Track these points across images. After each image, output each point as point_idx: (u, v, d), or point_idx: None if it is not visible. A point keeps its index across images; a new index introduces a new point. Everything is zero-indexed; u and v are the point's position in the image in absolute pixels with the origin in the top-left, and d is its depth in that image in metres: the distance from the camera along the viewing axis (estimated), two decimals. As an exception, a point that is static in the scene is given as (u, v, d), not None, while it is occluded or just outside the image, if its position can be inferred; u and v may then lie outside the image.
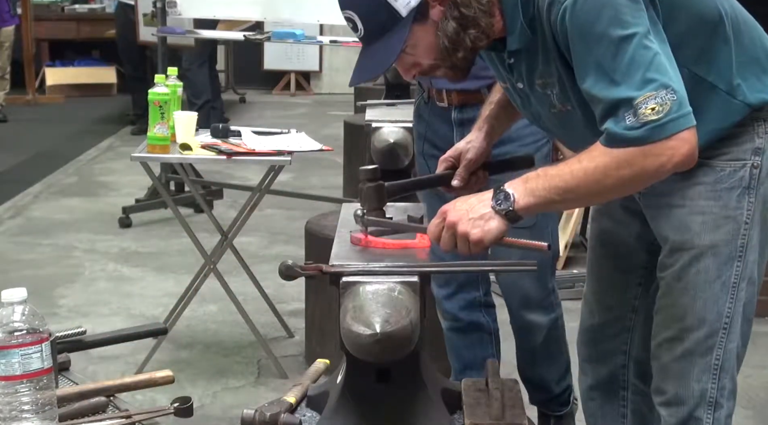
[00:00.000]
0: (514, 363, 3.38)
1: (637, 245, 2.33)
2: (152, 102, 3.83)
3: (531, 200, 1.96)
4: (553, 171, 1.97)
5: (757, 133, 2.11)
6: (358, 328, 1.70)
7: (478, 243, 1.96)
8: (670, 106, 1.87)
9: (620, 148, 1.89)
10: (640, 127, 1.87)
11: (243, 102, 10.84)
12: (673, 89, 1.89)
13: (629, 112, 1.88)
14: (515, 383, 2.04)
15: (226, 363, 4.18)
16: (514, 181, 1.99)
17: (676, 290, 2.17)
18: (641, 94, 1.87)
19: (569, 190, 1.96)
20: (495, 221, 1.96)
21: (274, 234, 5.96)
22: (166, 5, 6.12)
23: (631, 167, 1.91)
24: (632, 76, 1.88)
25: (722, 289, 2.14)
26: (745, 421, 3.70)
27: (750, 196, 2.12)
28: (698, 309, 2.14)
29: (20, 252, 5.65)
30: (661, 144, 1.88)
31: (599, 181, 1.94)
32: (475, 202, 1.98)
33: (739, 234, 2.12)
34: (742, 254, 2.14)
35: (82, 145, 8.55)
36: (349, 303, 1.76)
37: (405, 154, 3.63)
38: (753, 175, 2.11)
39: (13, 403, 1.64)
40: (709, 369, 2.17)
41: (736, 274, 2.14)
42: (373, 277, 1.81)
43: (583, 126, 2.05)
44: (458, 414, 1.94)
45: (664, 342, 2.21)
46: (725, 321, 2.16)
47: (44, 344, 1.67)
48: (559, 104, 2.07)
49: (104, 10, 11.46)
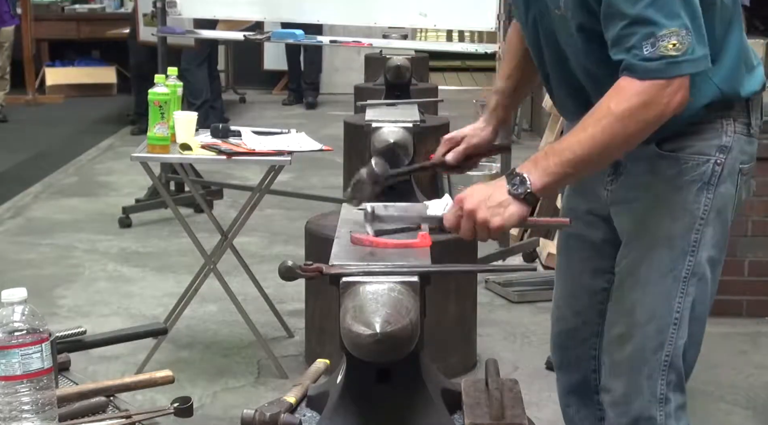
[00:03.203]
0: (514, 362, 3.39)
1: (604, 249, 2.31)
2: (152, 102, 3.83)
3: (547, 179, 1.96)
4: (561, 145, 1.97)
5: (726, 131, 2.12)
6: (358, 328, 1.70)
7: (499, 229, 1.97)
8: (688, 46, 1.89)
9: (635, 79, 1.90)
10: (658, 60, 1.89)
11: (243, 102, 10.84)
12: (692, 31, 1.90)
13: (647, 41, 1.89)
14: (515, 383, 2.03)
15: (226, 363, 4.18)
16: (525, 164, 1.98)
17: (627, 283, 2.18)
18: (667, 27, 1.88)
19: (579, 160, 1.96)
20: (514, 206, 1.96)
21: (274, 234, 5.96)
22: (166, 5, 6.13)
23: (632, 119, 1.93)
24: (665, 5, 1.89)
25: (674, 283, 2.14)
26: (745, 421, 3.70)
27: (708, 192, 2.12)
28: (648, 303, 2.15)
29: (20, 252, 5.65)
30: (666, 87, 1.91)
31: (606, 142, 1.95)
32: (491, 190, 1.97)
33: (694, 228, 2.13)
34: (695, 249, 2.14)
35: (82, 145, 8.55)
36: (349, 303, 1.76)
37: (405, 154, 3.63)
38: (714, 172, 2.12)
39: (13, 403, 1.64)
40: (659, 367, 2.17)
41: (687, 269, 2.14)
42: (373, 277, 1.80)
43: (576, 44, 2.07)
44: (458, 414, 1.93)
45: (614, 339, 2.22)
46: (675, 317, 2.15)
47: (44, 344, 1.66)
48: (563, 7, 2.05)
49: (104, 10, 11.47)
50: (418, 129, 3.77)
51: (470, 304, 4.11)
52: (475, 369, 4.04)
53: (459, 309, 3.99)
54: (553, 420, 2.28)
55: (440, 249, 2.09)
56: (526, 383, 2.33)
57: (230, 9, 6.38)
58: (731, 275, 4.61)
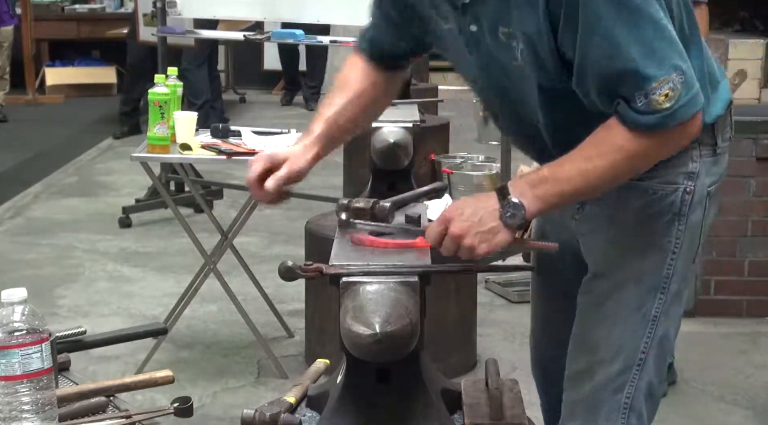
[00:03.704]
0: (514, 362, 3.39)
1: (578, 273, 2.13)
2: (152, 102, 3.83)
3: (541, 206, 1.88)
4: (560, 173, 1.87)
5: (692, 156, 1.99)
6: (358, 328, 1.70)
7: (484, 255, 1.88)
8: (680, 90, 1.79)
9: (633, 131, 1.81)
10: (653, 114, 1.79)
11: (243, 102, 10.84)
12: (682, 70, 1.80)
13: (640, 94, 1.79)
14: (515, 383, 2.04)
15: (226, 363, 4.18)
16: (518, 184, 1.89)
17: (592, 319, 2.06)
18: (658, 78, 1.78)
19: (580, 193, 1.90)
20: (503, 233, 1.88)
21: (274, 234, 5.96)
22: (166, 5, 6.12)
23: (646, 158, 1.86)
24: (653, 52, 1.78)
25: (641, 322, 2.02)
26: (745, 421, 3.70)
27: (680, 224, 2.00)
28: (613, 342, 2.03)
29: (20, 252, 5.65)
30: (676, 130, 1.83)
31: (613, 178, 1.88)
32: (480, 211, 1.88)
33: (665, 264, 2.01)
34: (666, 286, 2.02)
35: (82, 145, 8.55)
36: (349, 303, 1.76)
37: (405, 154, 3.63)
38: (684, 201, 2.00)
39: (13, 403, 1.64)
40: (619, 409, 2.04)
41: (657, 307, 2.03)
42: (373, 277, 1.81)
43: (535, 94, 1.94)
44: (458, 414, 1.94)
45: (573, 377, 2.10)
46: (640, 357, 2.03)
47: (44, 344, 1.66)
48: (521, 60, 1.90)
49: (104, 10, 11.46)
50: (418, 129, 3.77)
51: (470, 304, 4.11)
52: (475, 369, 4.04)
53: (459, 309, 3.99)
54: (553, 421, 2.29)
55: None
56: (526, 383, 2.32)
57: (230, 9, 6.38)
58: (731, 275, 4.62)
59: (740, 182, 4.53)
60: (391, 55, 2.25)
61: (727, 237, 4.58)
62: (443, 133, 5.96)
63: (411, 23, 2.14)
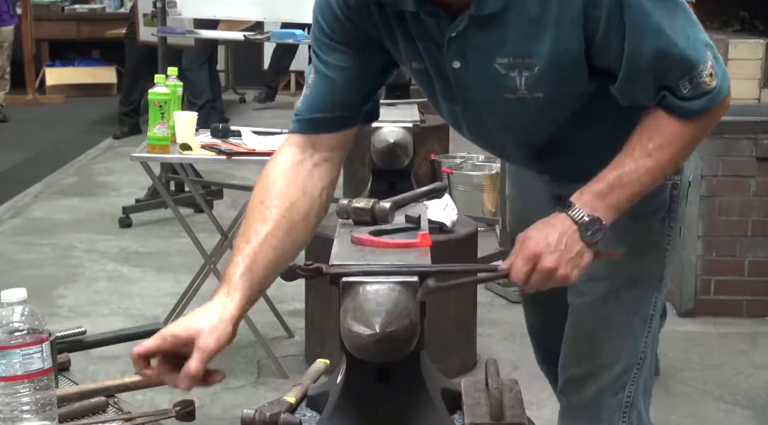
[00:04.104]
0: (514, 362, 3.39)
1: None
2: (152, 102, 3.83)
3: (615, 216, 1.82)
4: (627, 177, 1.81)
5: None
6: (358, 328, 1.70)
7: (574, 281, 1.81)
8: (716, 66, 1.81)
9: (686, 118, 1.81)
10: (700, 98, 1.80)
11: (243, 102, 10.84)
12: (711, 46, 1.82)
13: (685, 81, 1.79)
14: (515, 383, 2.03)
15: (226, 363, 4.17)
16: (587, 199, 1.80)
17: (589, 323, 2.07)
18: (701, 61, 1.79)
19: (647, 190, 1.85)
20: (588, 254, 1.80)
21: (274, 234, 5.95)
22: (166, 5, 6.13)
23: (698, 140, 1.86)
24: (689, 38, 1.79)
25: (640, 323, 2.05)
26: (745, 421, 3.70)
27: (671, 220, 2.04)
28: (615, 346, 2.05)
29: (20, 252, 5.65)
30: (721, 105, 1.84)
31: (672, 170, 1.88)
32: (564, 237, 1.78)
33: (660, 261, 2.05)
34: (661, 283, 2.06)
35: (82, 145, 8.55)
36: (349, 303, 1.76)
37: (405, 154, 3.64)
38: (673, 197, 2.03)
39: (13, 403, 1.64)
40: (620, 408, 2.08)
41: (654, 305, 2.06)
42: (373, 277, 1.80)
43: (540, 114, 1.90)
44: (458, 414, 1.94)
45: (572, 380, 2.11)
46: (640, 357, 2.07)
47: (44, 344, 1.67)
48: (523, 89, 1.84)
49: (104, 10, 11.47)
50: (418, 129, 3.77)
51: (470, 304, 4.11)
52: (475, 369, 4.04)
53: (459, 309, 3.99)
54: (553, 420, 2.28)
55: (440, 250, 2.09)
56: (526, 383, 2.32)
57: (230, 9, 6.38)
58: (731, 275, 4.61)
59: (740, 182, 4.53)
60: (342, 110, 2.09)
61: (727, 238, 4.58)
62: (443, 133, 5.96)
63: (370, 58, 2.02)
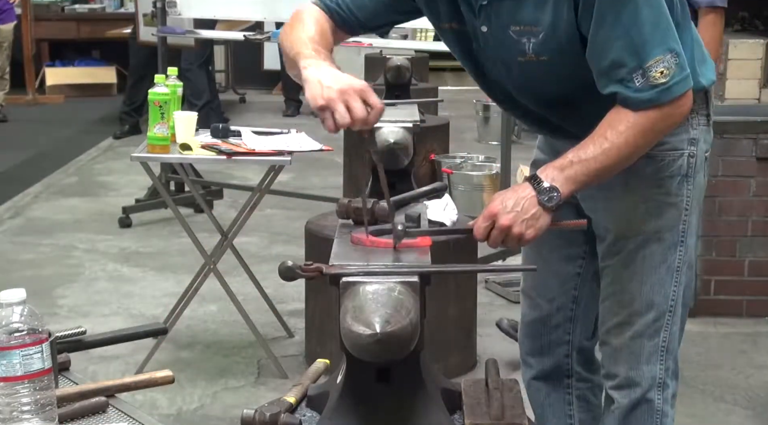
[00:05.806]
0: (514, 362, 3.37)
1: (574, 236, 2.41)
2: (152, 102, 3.83)
3: (572, 188, 2.05)
4: (584, 154, 2.04)
5: (692, 124, 2.23)
6: (358, 328, 1.70)
7: (532, 240, 2.05)
8: (674, 70, 2.00)
9: (637, 110, 2.01)
10: (650, 90, 1.99)
11: (243, 102, 10.84)
12: (677, 53, 2.01)
13: (638, 73, 1.99)
14: (515, 383, 2.04)
15: (226, 363, 4.18)
16: (549, 172, 2.05)
17: (623, 277, 2.28)
18: (655, 56, 1.98)
19: (603, 169, 2.05)
20: (545, 217, 2.04)
21: (274, 234, 5.96)
22: (166, 5, 6.13)
23: (653, 131, 2.05)
24: (652, 37, 1.98)
25: (668, 273, 2.26)
26: (745, 421, 3.70)
27: (689, 184, 2.24)
28: (646, 294, 2.27)
29: (20, 252, 5.66)
30: (672, 104, 2.02)
31: (630, 153, 2.05)
32: (522, 200, 2.03)
33: (681, 220, 2.25)
34: (684, 239, 2.27)
35: (82, 145, 8.55)
36: (349, 303, 1.76)
37: (405, 154, 3.63)
38: (690, 164, 2.24)
39: (13, 404, 1.64)
40: (657, 351, 2.29)
41: (679, 258, 2.27)
42: (373, 277, 1.81)
43: (547, 76, 2.12)
44: (458, 414, 1.94)
45: (613, 328, 2.32)
46: (671, 304, 2.28)
47: (44, 344, 1.66)
48: (531, 53, 2.09)
49: (104, 10, 11.47)
50: (418, 129, 3.77)
51: (470, 304, 4.11)
52: (475, 369, 4.05)
53: (459, 309, 3.99)
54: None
55: (440, 249, 2.09)
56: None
57: (230, 9, 6.38)
58: (731, 275, 4.61)
59: (740, 182, 4.53)
60: (356, 24, 2.29)
61: (727, 237, 4.58)
62: (443, 133, 5.96)
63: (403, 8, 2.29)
